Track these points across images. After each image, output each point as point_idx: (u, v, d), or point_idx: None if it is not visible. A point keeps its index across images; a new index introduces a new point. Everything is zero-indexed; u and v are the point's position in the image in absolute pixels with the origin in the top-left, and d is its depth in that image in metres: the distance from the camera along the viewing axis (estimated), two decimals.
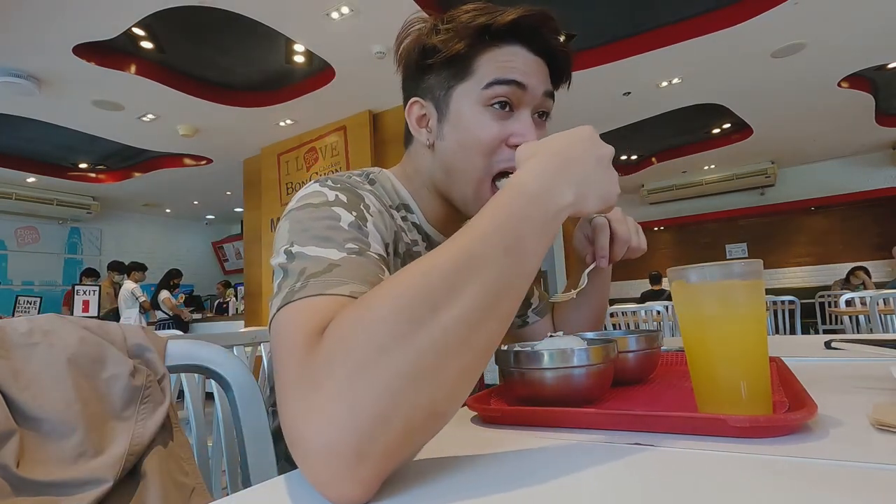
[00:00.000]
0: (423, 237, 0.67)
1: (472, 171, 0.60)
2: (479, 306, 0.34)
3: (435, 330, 0.33)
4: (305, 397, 0.33)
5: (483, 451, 0.40)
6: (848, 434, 0.37)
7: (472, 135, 0.59)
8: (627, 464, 0.34)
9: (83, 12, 2.91)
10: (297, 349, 0.36)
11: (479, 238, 0.37)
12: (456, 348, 0.33)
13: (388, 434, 0.31)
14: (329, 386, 0.32)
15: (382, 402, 0.31)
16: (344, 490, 0.31)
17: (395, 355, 0.32)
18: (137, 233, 8.05)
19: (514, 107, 0.60)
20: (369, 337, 0.33)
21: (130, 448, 0.49)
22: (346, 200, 0.54)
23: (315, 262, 0.45)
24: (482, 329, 0.35)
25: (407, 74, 0.66)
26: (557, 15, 0.62)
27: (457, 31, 0.59)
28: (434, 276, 0.35)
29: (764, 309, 0.43)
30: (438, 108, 0.62)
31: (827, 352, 0.82)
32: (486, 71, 0.59)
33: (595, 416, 0.44)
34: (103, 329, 0.55)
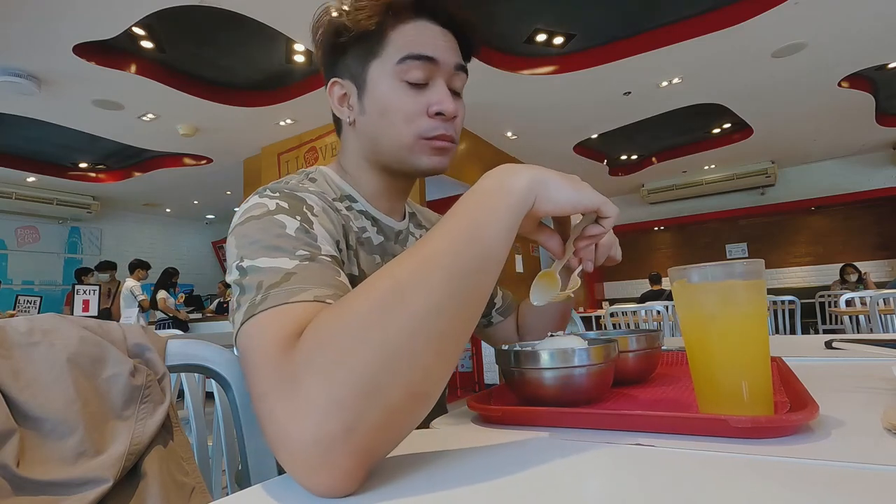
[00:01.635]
0: (371, 222, 0.69)
1: (398, 137, 0.63)
2: (446, 293, 0.36)
3: (404, 317, 0.35)
4: (287, 396, 0.34)
5: (483, 451, 0.40)
6: (850, 435, 0.37)
7: (392, 107, 0.61)
8: (628, 464, 0.34)
9: (83, 12, 2.91)
10: (272, 355, 0.37)
11: (440, 234, 0.39)
12: (427, 332, 0.35)
13: (371, 418, 0.32)
14: (310, 381, 0.33)
15: (363, 387, 0.33)
16: (333, 481, 0.32)
17: (370, 343, 0.34)
18: (137, 232, 8.05)
19: (429, 79, 0.62)
20: (345, 330, 0.35)
21: (130, 448, 0.49)
22: (288, 206, 0.54)
23: (270, 274, 0.45)
24: (452, 313, 0.37)
25: (324, 59, 0.67)
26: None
27: (365, 9, 0.61)
28: (402, 272, 0.37)
29: (765, 309, 0.43)
30: (357, 85, 0.64)
31: (827, 352, 0.82)
32: (398, 45, 0.61)
33: (595, 416, 0.44)
34: (103, 329, 0.55)
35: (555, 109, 4.63)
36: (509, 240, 0.41)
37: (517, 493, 0.30)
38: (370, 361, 0.33)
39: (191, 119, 4.47)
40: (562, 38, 3.69)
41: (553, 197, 0.44)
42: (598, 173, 6.98)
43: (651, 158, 6.70)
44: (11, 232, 6.70)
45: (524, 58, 3.90)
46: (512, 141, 5.46)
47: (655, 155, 6.63)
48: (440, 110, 0.61)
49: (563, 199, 0.45)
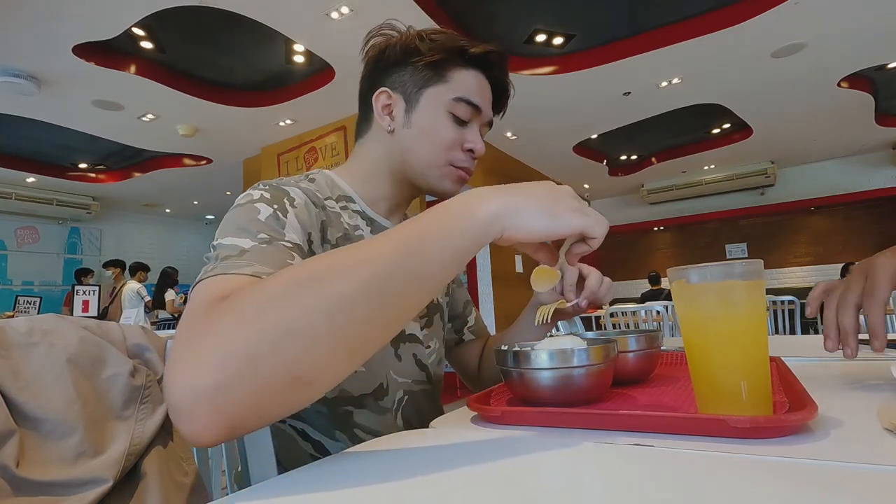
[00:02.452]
0: (366, 222, 0.74)
1: (432, 158, 0.71)
2: (364, 291, 0.37)
3: (311, 302, 0.37)
4: (189, 345, 0.37)
5: (483, 451, 0.40)
6: (849, 435, 0.37)
7: (437, 131, 0.70)
8: (627, 464, 0.34)
9: (83, 12, 2.91)
10: (197, 312, 0.41)
11: (385, 237, 0.42)
12: (330, 324, 0.36)
13: (242, 386, 0.34)
14: (206, 338, 0.36)
15: (244, 356, 0.35)
16: (193, 429, 0.35)
17: (267, 317, 0.36)
18: (137, 233, 8.05)
19: (469, 120, 0.72)
20: (252, 301, 0.38)
21: (130, 448, 0.49)
22: (269, 197, 0.61)
23: (229, 249, 0.51)
24: (363, 313, 0.38)
25: (377, 67, 0.74)
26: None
27: (440, 44, 0.70)
28: (331, 260, 0.40)
29: (764, 309, 0.43)
30: (408, 101, 0.71)
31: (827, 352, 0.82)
32: (457, 85, 0.70)
33: (595, 416, 0.44)
34: (103, 329, 0.55)
35: (555, 109, 4.63)
36: (455, 263, 0.42)
37: (516, 493, 0.30)
38: (260, 333, 0.35)
39: (191, 119, 4.47)
40: (561, 38, 3.69)
41: (525, 226, 0.44)
42: (597, 173, 6.99)
43: (651, 158, 6.70)
44: (11, 232, 6.70)
45: (524, 58, 3.90)
46: (512, 141, 5.46)
47: (655, 155, 6.63)
48: (473, 148, 0.72)
49: (536, 228, 0.44)
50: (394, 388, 0.71)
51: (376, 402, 0.69)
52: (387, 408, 0.70)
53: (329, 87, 3.95)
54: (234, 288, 0.42)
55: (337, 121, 4.60)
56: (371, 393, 0.68)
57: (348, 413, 0.67)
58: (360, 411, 0.68)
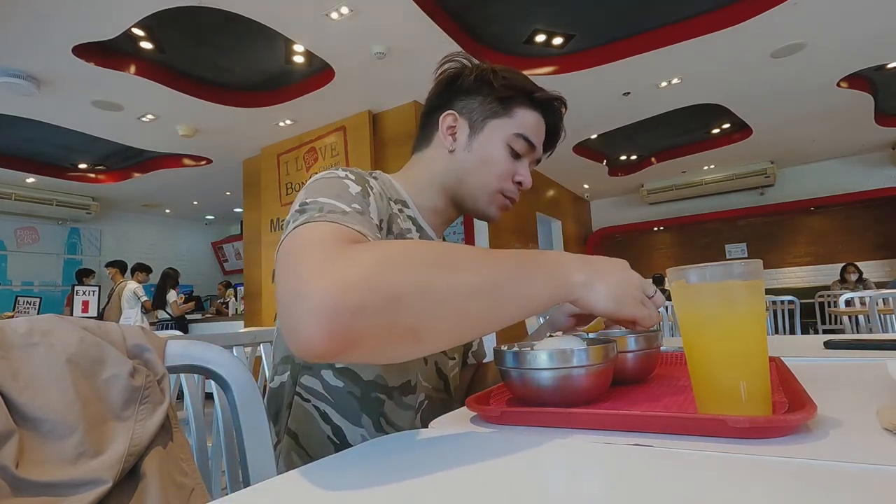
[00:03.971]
0: (416, 228, 0.78)
1: (484, 185, 0.77)
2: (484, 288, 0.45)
3: (443, 277, 0.44)
4: (328, 261, 0.42)
5: (482, 451, 0.40)
6: (848, 434, 0.37)
7: (494, 160, 0.76)
8: (627, 464, 0.34)
9: (83, 12, 2.91)
10: (327, 240, 0.45)
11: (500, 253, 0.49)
12: (455, 300, 0.43)
13: (385, 316, 0.39)
14: (360, 263, 0.41)
15: (398, 290, 0.40)
16: (323, 337, 0.38)
17: (421, 270, 0.43)
18: (137, 233, 8.05)
19: (523, 155, 0.78)
20: (403, 254, 0.44)
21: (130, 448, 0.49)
22: (354, 178, 0.66)
23: (331, 206, 0.55)
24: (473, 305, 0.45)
25: (448, 90, 0.79)
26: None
27: (511, 83, 0.77)
28: (459, 250, 0.47)
29: (764, 309, 0.43)
30: (472, 127, 0.77)
31: (826, 352, 0.82)
32: (519, 122, 0.76)
33: (594, 416, 0.44)
34: (103, 329, 0.55)
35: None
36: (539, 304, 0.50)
37: (516, 493, 0.30)
38: (408, 280, 0.41)
39: (190, 120, 4.47)
40: (561, 38, 3.70)
41: (595, 302, 0.53)
42: (597, 173, 6.99)
43: (650, 159, 6.70)
44: (11, 233, 6.70)
45: (524, 58, 3.90)
46: None
47: (655, 155, 6.63)
48: (522, 181, 0.78)
49: (602, 307, 0.53)
50: (419, 389, 0.74)
51: (401, 396, 0.72)
52: (410, 405, 0.73)
53: (329, 88, 3.95)
54: (351, 237, 0.48)
55: (337, 121, 4.60)
56: (398, 387, 0.71)
57: (379, 401, 0.70)
58: (389, 402, 0.71)
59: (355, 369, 0.70)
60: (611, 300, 0.53)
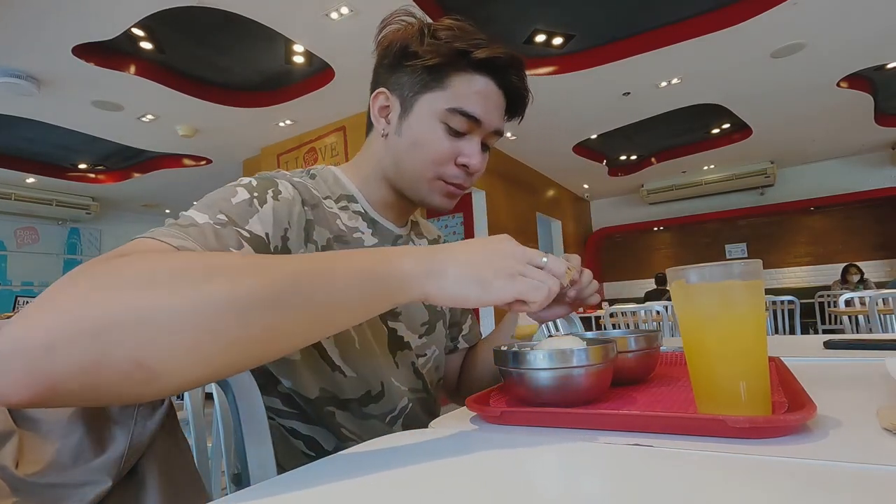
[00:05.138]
0: (368, 223, 0.70)
1: (420, 172, 0.66)
2: (240, 305, 0.35)
3: (189, 290, 0.34)
4: (48, 291, 0.34)
5: (482, 451, 0.40)
6: (848, 434, 0.37)
7: (426, 142, 0.64)
8: (626, 464, 0.34)
9: (83, 12, 2.91)
10: (98, 262, 0.37)
11: (295, 258, 0.40)
12: (193, 322, 0.33)
13: (80, 352, 0.31)
14: (74, 287, 0.34)
15: (101, 320, 0.32)
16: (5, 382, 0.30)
17: (147, 289, 0.34)
18: (137, 233, 7.95)
19: (467, 132, 0.65)
20: (141, 268, 0.35)
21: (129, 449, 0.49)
22: (255, 185, 0.58)
23: (182, 220, 0.50)
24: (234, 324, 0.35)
25: (382, 63, 0.68)
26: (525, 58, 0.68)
27: (437, 48, 0.63)
28: (237, 260, 0.38)
29: (763, 309, 0.43)
30: (402, 106, 0.66)
31: (826, 352, 0.82)
32: (453, 94, 0.63)
33: (594, 416, 0.44)
34: None
35: (555, 109, 4.64)
36: (359, 311, 0.41)
37: (515, 494, 0.30)
38: (121, 303, 0.32)
39: (190, 120, 4.47)
40: (561, 38, 3.70)
41: (451, 293, 0.42)
42: (597, 173, 6.99)
43: (650, 159, 6.71)
44: (11, 233, 6.70)
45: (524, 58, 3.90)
46: (512, 142, 5.46)
47: (655, 155, 6.63)
48: (467, 164, 0.65)
49: (463, 296, 0.42)
50: (397, 396, 0.69)
51: (362, 407, 0.66)
52: (374, 414, 0.67)
53: (329, 88, 3.95)
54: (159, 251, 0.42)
55: (337, 121, 4.61)
56: (357, 398, 0.65)
57: (331, 413, 0.65)
58: (343, 413, 0.65)
59: (298, 389, 0.64)
60: (472, 284, 0.42)
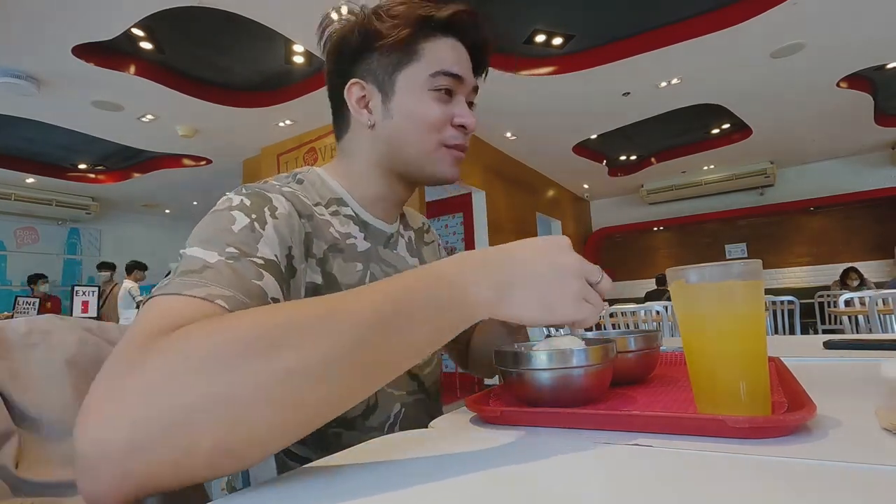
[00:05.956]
0: (359, 227, 0.69)
1: (423, 144, 0.66)
2: (318, 368, 0.34)
3: (261, 366, 0.32)
4: (111, 385, 0.32)
5: (481, 452, 0.40)
6: (847, 434, 0.37)
7: (421, 114, 0.65)
8: (626, 464, 0.34)
9: (83, 12, 2.91)
10: (131, 341, 0.35)
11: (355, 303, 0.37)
12: (274, 400, 0.32)
13: (167, 449, 0.30)
14: (139, 381, 0.32)
15: (179, 414, 0.30)
16: (100, 489, 0.30)
17: (215, 375, 0.32)
18: (137, 233, 8.05)
19: (454, 93, 0.66)
20: (201, 350, 0.33)
21: None
22: (249, 204, 0.55)
23: (191, 262, 0.46)
24: (312, 391, 0.34)
25: (341, 59, 0.68)
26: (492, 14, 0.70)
27: (402, 19, 0.63)
28: (298, 317, 0.35)
29: (763, 309, 0.43)
30: (382, 90, 0.66)
31: (826, 352, 0.82)
32: (431, 60, 0.64)
33: (594, 416, 0.44)
34: (102, 330, 0.55)
35: (554, 110, 4.64)
36: (433, 343, 0.40)
37: (516, 494, 0.30)
38: (194, 396, 0.31)
39: (190, 120, 4.47)
40: (561, 38, 3.70)
41: (517, 315, 0.42)
42: (597, 173, 6.99)
43: (650, 159, 6.71)
44: (10, 233, 6.70)
45: (523, 58, 3.90)
46: (511, 142, 5.46)
47: (655, 155, 6.64)
48: (463, 122, 0.66)
49: (529, 318, 0.42)
50: (388, 403, 0.67)
51: (364, 422, 0.65)
52: (373, 426, 0.65)
53: None
54: (184, 316, 0.38)
55: None
56: (360, 414, 0.64)
57: (337, 435, 0.63)
58: (350, 433, 0.63)
59: None
60: (540, 307, 0.42)
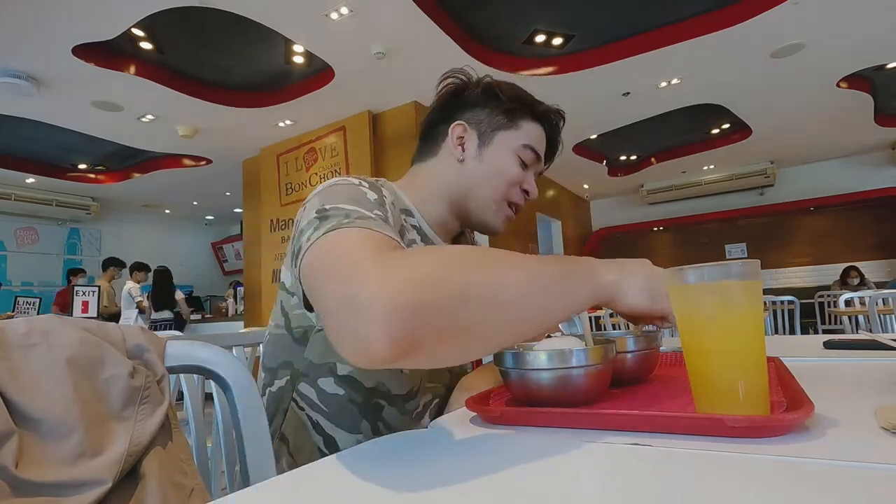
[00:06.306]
0: (422, 238, 0.78)
1: (495, 192, 0.78)
2: (531, 288, 0.45)
3: (503, 276, 0.44)
4: (384, 264, 0.41)
5: (481, 452, 0.40)
6: (846, 434, 0.37)
7: (505, 169, 0.78)
8: (625, 464, 0.34)
9: (83, 12, 2.91)
10: (367, 248, 0.44)
11: (541, 258, 0.50)
12: (512, 299, 0.43)
13: (451, 312, 0.39)
14: (414, 261, 0.42)
15: (461, 287, 0.40)
16: (385, 341, 0.37)
17: (478, 272, 0.43)
18: (137, 233, 8.05)
19: (529, 166, 0.80)
20: (458, 258, 0.44)
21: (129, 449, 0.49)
22: (369, 185, 0.65)
23: (355, 212, 0.53)
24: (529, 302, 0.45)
25: (454, 102, 0.81)
26: None
27: (518, 96, 0.80)
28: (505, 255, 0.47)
29: (762, 309, 0.43)
30: (481, 138, 0.79)
31: (826, 352, 0.82)
32: (526, 134, 0.79)
33: (593, 416, 0.44)
34: (102, 330, 0.55)
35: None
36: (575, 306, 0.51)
37: (515, 493, 0.30)
38: (454, 286, 0.40)
39: (190, 120, 4.47)
40: (561, 38, 3.70)
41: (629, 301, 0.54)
42: (597, 173, 6.99)
43: (650, 159, 6.71)
44: (10, 233, 6.70)
45: (524, 58, 3.90)
46: None
47: (654, 155, 6.63)
48: (528, 189, 0.81)
49: (637, 305, 0.54)
50: (421, 393, 0.74)
51: (404, 403, 0.72)
52: (409, 410, 0.73)
53: (329, 88, 3.95)
54: (389, 244, 0.47)
55: (337, 121, 4.60)
56: (403, 395, 0.72)
57: (379, 406, 0.70)
58: (391, 409, 0.71)
59: (356, 376, 0.69)
60: (644, 296, 0.54)
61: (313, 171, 4.76)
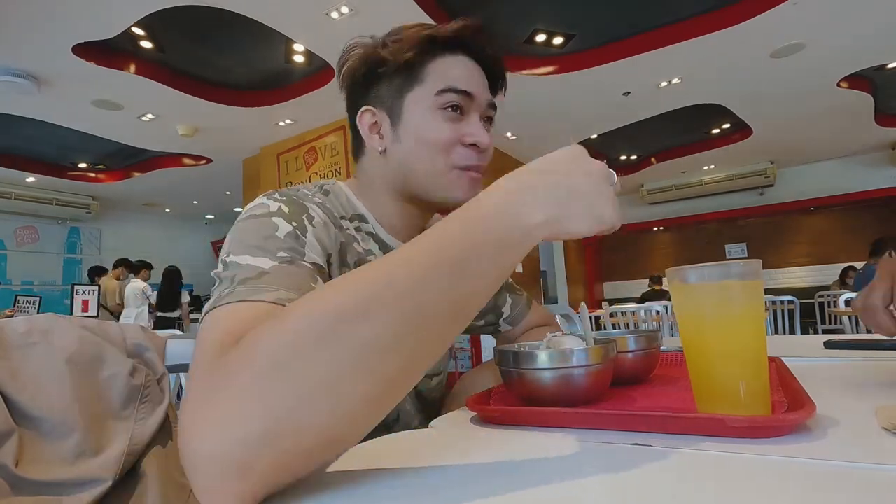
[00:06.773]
0: (378, 245, 0.68)
1: (432, 166, 0.64)
2: (396, 331, 0.32)
3: (341, 350, 0.31)
4: (202, 403, 0.32)
5: (482, 452, 0.40)
6: (847, 434, 0.37)
7: (429, 136, 0.63)
8: (626, 464, 0.34)
9: (83, 12, 2.91)
10: (208, 354, 0.35)
11: (412, 258, 0.35)
12: (361, 372, 0.31)
13: (274, 451, 0.30)
14: (226, 393, 0.31)
15: (274, 417, 0.30)
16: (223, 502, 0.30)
17: (300, 365, 0.31)
18: (137, 232, 8.05)
19: (464, 112, 0.64)
20: (279, 345, 0.32)
21: (129, 448, 0.49)
22: (288, 211, 0.55)
23: (246, 270, 0.46)
24: (397, 355, 0.33)
25: (353, 89, 0.69)
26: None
27: (405, 42, 0.64)
28: (358, 293, 0.33)
29: (762, 309, 0.43)
30: (391, 115, 0.65)
31: (826, 352, 0.82)
32: (436, 78, 0.63)
33: (594, 416, 0.44)
34: (102, 329, 0.55)
35: (555, 110, 4.63)
36: (500, 281, 0.38)
37: (515, 494, 0.30)
38: (289, 393, 0.30)
39: (190, 119, 4.47)
40: (561, 38, 3.69)
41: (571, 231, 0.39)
42: None
43: (650, 159, 6.70)
44: (11, 232, 6.70)
45: (524, 58, 3.90)
46: (511, 141, 5.46)
47: (655, 155, 6.63)
48: (475, 141, 0.63)
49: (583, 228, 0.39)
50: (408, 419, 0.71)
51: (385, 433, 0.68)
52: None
53: (329, 87, 3.95)
54: (250, 320, 0.38)
55: (337, 121, 4.60)
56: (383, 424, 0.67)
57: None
58: None
59: None
60: (591, 218, 0.39)
61: (313, 171, 4.76)
